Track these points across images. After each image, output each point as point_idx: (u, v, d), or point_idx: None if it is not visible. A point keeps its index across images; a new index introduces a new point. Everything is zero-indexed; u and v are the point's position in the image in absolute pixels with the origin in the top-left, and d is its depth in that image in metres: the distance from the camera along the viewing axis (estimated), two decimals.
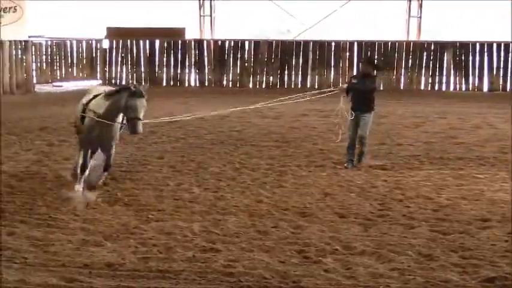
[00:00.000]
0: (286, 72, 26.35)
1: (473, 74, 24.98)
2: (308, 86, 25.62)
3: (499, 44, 24.88)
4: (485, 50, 24.81)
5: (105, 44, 27.24)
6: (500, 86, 24.88)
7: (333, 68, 26.09)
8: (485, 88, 24.99)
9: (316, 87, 24.61)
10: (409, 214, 10.50)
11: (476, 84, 24.99)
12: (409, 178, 12.68)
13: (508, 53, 24.66)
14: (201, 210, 10.59)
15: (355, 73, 13.38)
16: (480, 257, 8.73)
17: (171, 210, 10.56)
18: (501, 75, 24.84)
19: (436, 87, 25.63)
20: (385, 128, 17.50)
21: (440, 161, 14.06)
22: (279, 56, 26.35)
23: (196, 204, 10.87)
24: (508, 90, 24.76)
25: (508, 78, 24.77)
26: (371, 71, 13.58)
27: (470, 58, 24.99)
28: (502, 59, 24.77)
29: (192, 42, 26.71)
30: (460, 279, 8.04)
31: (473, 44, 25.01)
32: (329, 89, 14.34)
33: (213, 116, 16.91)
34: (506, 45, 24.79)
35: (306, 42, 26.29)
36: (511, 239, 9.40)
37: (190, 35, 27.31)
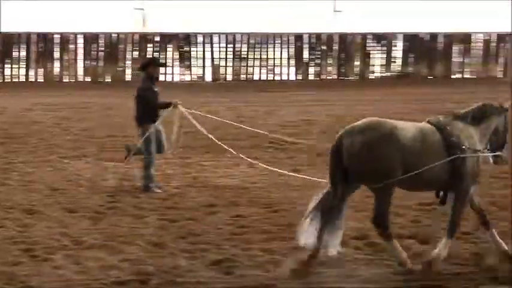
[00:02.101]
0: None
1: (197, 65, 25.64)
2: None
3: (219, 36, 25.72)
4: (207, 41, 25.55)
5: None
6: (222, 76, 25.78)
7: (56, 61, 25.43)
8: (208, 78, 25.77)
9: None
10: (138, 205, 10.62)
11: (199, 74, 25.68)
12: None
13: (229, 44, 25.58)
14: None
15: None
16: (208, 241, 9.06)
17: None
18: (222, 65, 25.74)
19: (161, 78, 25.85)
20: (114, 121, 17.43)
21: None
22: None
23: None
24: (228, 79, 25.72)
25: (229, 68, 25.70)
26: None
27: (193, 49, 25.59)
28: (224, 50, 25.62)
29: None
30: (189, 264, 8.28)
31: (195, 35, 25.64)
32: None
33: None
34: (227, 36, 25.71)
35: (27, 35, 25.35)
36: (236, 222, 9.87)
37: None
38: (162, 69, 25.17)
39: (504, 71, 26.50)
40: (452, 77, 26.15)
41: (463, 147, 8.10)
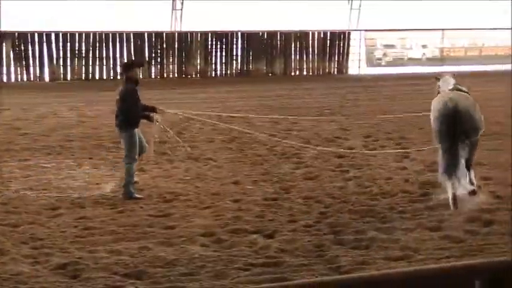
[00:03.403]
0: None
1: (34, 65, 24.88)
2: None
3: (57, 34, 25.06)
4: (44, 40, 24.83)
5: None
6: (62, 75, 25.17)
7: None
8: (47, 78, 25.06)
9: None
10: None
11: (38, 74, 24.94)
12: None
13: (68, 43, 24.99)
14: None
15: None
16: (51, 245, 8.86)
17: None
18: (61, 64, 25.13)
19: None
20: None
21: (7, 153, 13.83)
22: None
23: None
24: (68, 79, 25.15)
25: (68, 68, 25.11)
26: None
27: (30, 48, 24.79)
28: (61, 49, 25.00)
29: None
30: (33, 269, 8.07)
31: (32, 34, 24.85)
32: None
33: None
34: (65, 34, 25.09)
35: None
36: (80, 224, 9.70)
37: None
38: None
39: (339, 68, 27.54)
40: (292, 74, 26.86)
41: None
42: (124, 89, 11.20)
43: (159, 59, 25.78)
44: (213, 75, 26.30)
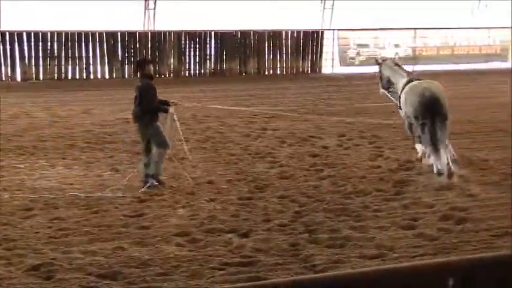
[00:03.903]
0: None
1: (6, 64, 24.66)
2: None
3: (28, 33, 24.88)
4: (16, 39, 24.63)
5: None
6: (34, 75, 24.98)
7: None
8: (19, 78, 24.86)
9: None
10: None
11: (9, 74, 24.72)
12: None
13: (40, 42, 24.83)
14: None
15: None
16: (25, 246, 8.79)
17: None
18: (33, 64, 24.93)
19: None
20: None
21: None
22: None
23: None
24: (41, 79, 24.95)
25: (40, 67, 24.94)
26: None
27: (1, 47, 24.55)
28: (33, 49, 24.83)
29: None
30: (5, 271, 8.01)
31: (3, 33, 24.63)
32: None
33: None
34: (37, 34, 24.92)
35: None
36: (54, 225, 9.64)
37: None
38: None
39: (312, 67, 27.61)
40: (266, 73, 26.88)
41: None
42: (143, 85, 11.65)
43: (132, 59, 25.67)
44: (187, 74, 26.23)
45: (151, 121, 11.48)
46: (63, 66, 24.97)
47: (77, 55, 25.03)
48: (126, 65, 25.61)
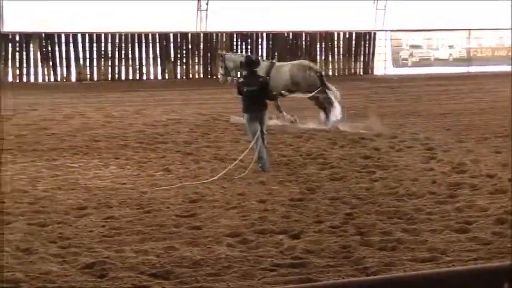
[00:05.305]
0: None
1: (61, 65, 25.05)
2: None
3: (83, 35, 25.25)
4: (71, 40, 25.02)
5: None
6: (88, 76, 25.34)
7: None
8: (74, 78, 25.24)
9: None
10: (4, 210, 10.27)
11: (64, 75, 25.12)
12: (3, 173, 12.38)
13: (94, 43, 25.17)
14: None
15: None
16: (79, 244, 8.91)
17: None
18: (88, 65, 25.28)
19: (25, 79, 25.09)
20: None
21: (34, 153, 13.95)
22: None
23: None
24: (95, 79, 25.32)
25: (95, 68, 25.28)
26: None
27: (57, 48, 24.99)
28: (87, 50, 25.17)
29: None
30: (61, 269, 8.11)
31: (59, 34, 25.06)
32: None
33: None
34: (91, 35, 25.28)
35: None
36: (108, 224, 9.75)
37: None
38: (24, 70, 24.52)
39: (364, 68, 27.44)
40: None
41: None
42: (260, 81, 13.23)
43: (184, 60, 25.86)
44: None
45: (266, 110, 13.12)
46: (116, 67, 25.30)
47: (130, 56, 25.32)
48: (179, 66, 25.80)
